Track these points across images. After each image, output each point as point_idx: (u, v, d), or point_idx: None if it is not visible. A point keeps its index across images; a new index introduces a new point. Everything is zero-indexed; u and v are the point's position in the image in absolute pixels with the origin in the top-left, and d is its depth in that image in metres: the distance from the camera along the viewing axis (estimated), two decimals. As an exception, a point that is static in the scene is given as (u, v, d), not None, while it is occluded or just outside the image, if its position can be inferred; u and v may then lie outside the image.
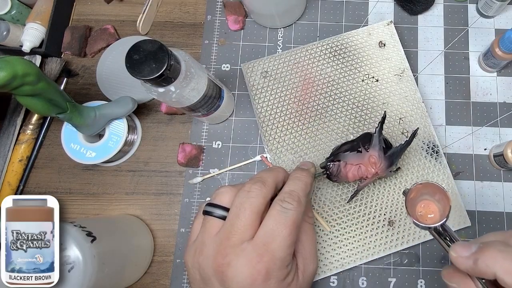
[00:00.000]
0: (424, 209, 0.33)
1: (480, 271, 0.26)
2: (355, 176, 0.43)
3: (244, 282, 0.32)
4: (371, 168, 0.43)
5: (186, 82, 0.39)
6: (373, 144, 0.43)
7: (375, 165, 0.42)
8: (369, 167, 0.43)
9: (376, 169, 0.42)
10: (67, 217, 0.51)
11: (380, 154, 0.43)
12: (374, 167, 0.42)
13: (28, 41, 0.52)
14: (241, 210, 0.33)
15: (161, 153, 0.53)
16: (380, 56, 0.52)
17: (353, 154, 0.43)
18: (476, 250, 0.27)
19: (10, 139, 0.52)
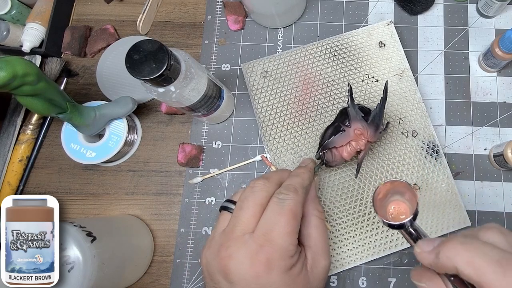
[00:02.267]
0: (395, 210, 0.32)
1: (442, 264, 0.25)
2: (350, 153, 0.43)
3: (246, 275, 0.32)
4: (361, 140, 0.43)
5: (186, 82, 0.39)
6: (351, 117, 0.43)
7: (363, 135, 0.42)
8: (359, 140, 0.43)
9: (366, 138, 0.42)
10: (67, 217, 0.51)
11: (363, 124, 0.42)
12: (363, 138, 0.42)
13: (28, 41, 0.52)
14: (244, 202, 0.34)
15: (161, 153, 0.53)
16: (380, 56, 0.52)
17: (339, 135, 0.43)
18: (438, 244, 0.26)
19: (10, 139, 0.52)
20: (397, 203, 0.32)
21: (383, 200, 0.32)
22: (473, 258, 0.24)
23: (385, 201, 0.32)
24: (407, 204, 0.32)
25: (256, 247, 0.32)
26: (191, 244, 0.49)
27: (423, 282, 0.28)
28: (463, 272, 0.24)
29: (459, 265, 0.24)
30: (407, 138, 0.50)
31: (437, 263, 0.26)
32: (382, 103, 0.43)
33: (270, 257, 0.32)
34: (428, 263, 0.27)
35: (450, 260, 0.24)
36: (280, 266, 0.33)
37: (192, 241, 0.49)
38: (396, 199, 0.32)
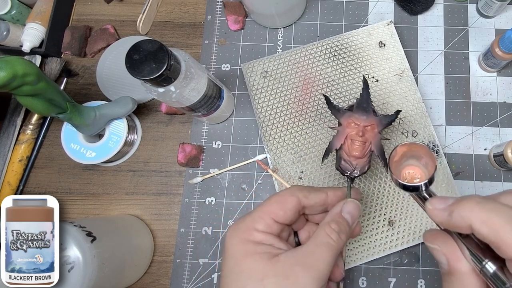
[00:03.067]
0: (409, 175, 0.31)
1: (455, 223, 0.25)
2: (358, 148, 0.40)
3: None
4: (358, 128, 0.40)
5: (186, 82, 0.39)
6: (335, 115, 0.42)
7: (357, 123, 0.40)
8: (353, 129, 0.40)
9: (361, 124, 0.40)
10: (67, 217, 0.51)
11: (349, 114, 0.41)
12: (355, 124, 0.40)
13: (28, 41, 0.52)
14: None
15: (161, 153, 0.53)
16: (380, 56, 0.52)
17: (334, 137, 0.41)
18: (453, 202, 0.25)
19: (10, 139, 0.52)
20: (412, 168, 0.31)
21: (398, 163, 0.31)
22: (490, 217, 0.23)
23: (400, 165, 0.31)
24: (422, 169, 0.31)
25: None
26: (191, 244, 0.49)
27: (436, 244, 0.27)
28: (478, 231, 0.23)
29: (475, 224, 0.23)
30: (407, 138, 0.49)
31: (449, 221, 0.25)
32: (365, 87, 0.41)
33: None
34: (440, 221, 0.26)
35: (464, 219, 0.24)
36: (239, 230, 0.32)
37: (192, 241, 0.49)
38: (411, 164, 0.31)
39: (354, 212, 0.34)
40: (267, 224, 0.32)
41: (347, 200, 0.34)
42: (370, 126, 0.40)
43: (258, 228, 0.31)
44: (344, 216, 0.33)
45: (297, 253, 0.30)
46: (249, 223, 0.32)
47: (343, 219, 0.33)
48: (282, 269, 0.29)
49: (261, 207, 0.33)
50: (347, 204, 0.34)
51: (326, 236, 0.31)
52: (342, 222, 0.32)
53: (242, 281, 0.29)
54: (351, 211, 0.33)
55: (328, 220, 0.32)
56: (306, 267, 0.29)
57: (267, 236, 0.31)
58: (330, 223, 0.32)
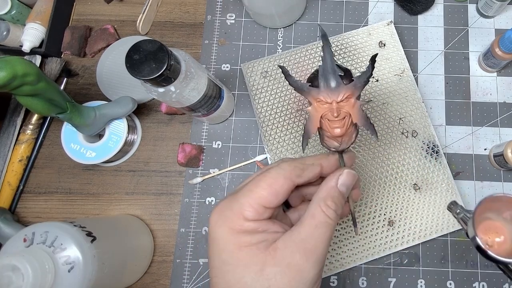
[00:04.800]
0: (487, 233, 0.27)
1: None
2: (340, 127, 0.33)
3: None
4: (330, 107, 0.33)
5: (186, 82, 0.39)
6: (302, 94, 0.34)
7: (328, 102, 0.32)
8: (330, 109, 0.33)
9: (333, 101, 0.32)
10: (67, 217, 0.51)
11: (316, 92, 0.33)
12: (330, 103, 0.32)
13: (28, 41, 0.52)
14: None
15: (161, 153, 0.53)
16: (380, 56, 0.52)
17: (308, 122, 0.34)
18: None
19: (10, 139, 0.52)
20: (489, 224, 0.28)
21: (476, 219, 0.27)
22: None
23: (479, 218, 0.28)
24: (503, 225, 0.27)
25: None
26: (191, 244, 0.49)
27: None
28: None
29: None
30: (407, 138, 0.50)
31: None
32: (325, 44, 0.33)
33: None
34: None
35: None
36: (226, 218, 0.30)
37: (192, 241, 0.49)
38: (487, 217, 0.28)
39: (349, 182, 0.32)
40: (257, 212, 0.29)
41: (342, 171, 0.32)
42: (344, 100, 0.33)
43: (249, 217, 0.29)
44: (339, 190, 0.31)
45: (296, 238, 0.29)
46: (237, 211, 0.29)
47: (338, 193, 0.31)
48: (282, 258, 0.28)
49: (249, 191, 0.30)
50: (343, 175, 0.32)
51: (323, 215, 0.30)
52: (338, 196, 0.31)
53: (239, 272, 0.28)
54: (346, 182, 0.32)
55: (323, 196, 0.31)
56: (307, 252, 0.28)
57: (259, 223, 0.30)
58: (326, 200, 0.30)
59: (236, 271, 0.28)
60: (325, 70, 0.32)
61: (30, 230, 0.37)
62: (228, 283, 0.28)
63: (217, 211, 0.30)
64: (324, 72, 0.32)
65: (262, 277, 0.28)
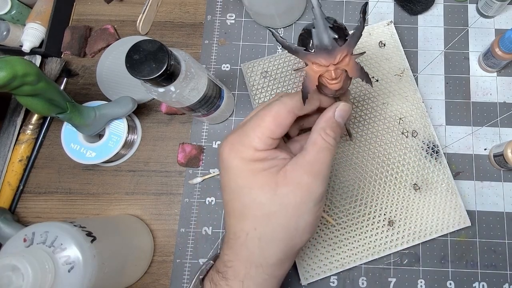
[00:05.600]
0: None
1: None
2: (338, 84, 0.33)
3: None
4: (327, 69, 0.32)
5: (186, 82, 0.39)
6: (297, 56, 0.32)
7: (325, 65, 0.31)
8: (326, 72, 0.32)
9: (330, 64, 0.31)
10: (67, 217, 0.51)
11: (312, 56, 0.31)
12: (327, 66, 0.31)
13: (28, 41, 0.52)
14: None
15: (161, 153, 0.53)
16: (380, 56, 0.52)
17: (306, 81, 0.33)
18: None
19: (10, 139, 0.52)
20: None
21: None
22: None
23: None
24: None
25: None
26: (191, 244, 0.49)
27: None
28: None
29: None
30: (407, 138, 0.50)
31: None
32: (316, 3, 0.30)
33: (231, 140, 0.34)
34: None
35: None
36: (238, 150, 0.33)
37: (192, 241, 0.49)
38: None
39: (345, 114, 0.35)
40: (265, 142, 0.32)
41: (339, 104, 0.35)
42: (341, 60, 0.32)
43: (258, 147, 0.32)
44: (337, 120, 0.35)
45: (302, 162, 0.32)
46: (247, 143, 0.32)
47: (336, 123, 0.34)
48: (292, 179, 0.32)
49: (256, 123, 0.33)
50: (339, 108, 0.35)
51: (324, 142, 0.33)
52: (336, 126, 0.34)
53: (255, 193, 0.32)
54: (343, 114, 0.35)
55: (323, 126, 0.34)
56: (314, 173, 0.32)
57: (269, 152, 0.33)
58: (325, 129, 0.34)
59: (252, 193, 0.32)
60: (319, 34, 0.30)
61: (30, 230, 0.37)
62: (246, 204, 0.32)
63: (227, 144, 0.33)
64: (319, 36, 0.30)
65: (276, 196, 0.32)
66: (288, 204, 0.32)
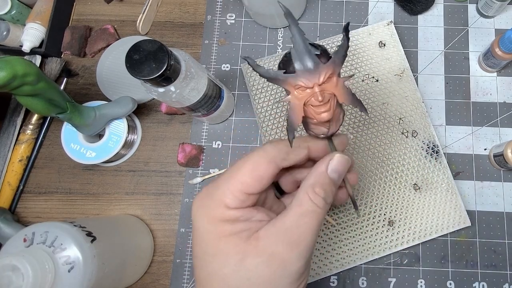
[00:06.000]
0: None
1: None
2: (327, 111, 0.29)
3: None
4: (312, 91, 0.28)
5: (186, 82, 0.39)
6: (277, 84, 0.29)
7: (309, 86, 0.28)
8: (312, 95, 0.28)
9: (314, 84, 0.28)
10: (67, 217, 0.51)
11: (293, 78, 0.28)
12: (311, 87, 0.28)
13: (28, 41, 0.52)
14: None
15: (161, 153, 0.53)
16: (380, 56, 0.52)
17: (291, 113, 0.29)
18: None
19: (10, 139, 0.52)
20: None
21: None
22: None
23: None
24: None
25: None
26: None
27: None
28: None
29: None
30: (407, 138, 0.50)
31: None
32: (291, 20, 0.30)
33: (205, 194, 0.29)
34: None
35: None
36: (207, 207, 0.28)
37: (192, 241, 0.49)
38: None
39: (341, 168, 0.29)
40: (239, 199, 0.27)
41: (334, 155, 0.29)
42: (326, 80, 0.29)
43: (230, 205, 0.27)
44: (330, 176, 0.29)
45: (280, 228, 0.27)
46: (218, 199, 0.27)
47: (329, 180, 0.29)
48: (264, 248, 0.26)
49: (230, 177, 0.28)
50: (333, 161, 0.29)
51: (311, 203, 0.27)
52: (328, 183, 0.28)
53: (220, 263, 0.26)
54: (338, 168, 0.29)
55: (312, 182, 0.28)
56: (291, 243, 0.26)
57: (242, 212, 0.27)
58: (314, 186, 0.28)
59: (217, 262, 0.27)
60: (298, 51, 0.27)
61: (30, 230, 0.37)
62: (209, 274, 0.27)
63: (198, 199, 0.29)
64: (298, 53, 0.27)
65: (242, 268, 0.26)
66: (256, 279, 0.26)
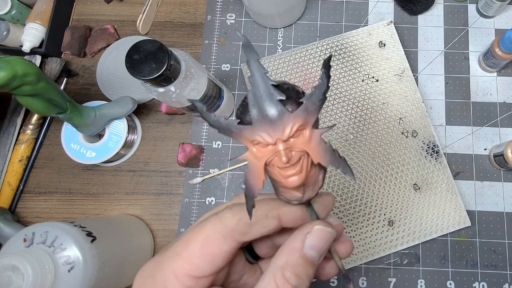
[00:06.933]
0: None
1: None
2: (296, 175, 0.21)
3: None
4: (275, 149, 0.21)
5: (186, 82, 0.39)
6: (231, 136, 0.23)
7: (271, 143, 0.21)
8: (276, 153, 0.21)
9: (278, 140, 0.21)
10: (67, 217, 0.51)
11: (250, 131, 0.21)
12: (274, 144, 0.21)
13: (28, 41, 0.52)
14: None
15: (161, 153, 0.53)
16: (380, 56, 0.52)
17: (249, 175, 0.22)
18: None
19: (10, 139, 0.52)
20: None
21: None
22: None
23: None
24: None
25: None
26: None
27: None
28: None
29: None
30: (407, 138, 0.50)
31: None
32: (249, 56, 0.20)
33: None
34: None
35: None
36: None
37: (192, 241, 0.49)
38: None
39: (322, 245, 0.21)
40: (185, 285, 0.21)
41: (312, 226, 0.22)
42: (295, 134, 0.21)
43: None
44: (306, 255, 0.21)
45: None
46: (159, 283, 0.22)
47: (304, 260, 0.21)
48: None
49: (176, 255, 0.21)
50: (312, 234, 0.21)
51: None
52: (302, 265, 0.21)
53: None
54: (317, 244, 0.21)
55: (281, 264, 0.20)
56: None
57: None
58: (284, 269, 0.20)
59: None
60: (256, 96, 0.20)
61: (30, 230, 0.37)
62: None
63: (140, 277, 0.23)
64: (256, 98, 0.20)
65: None
66: None
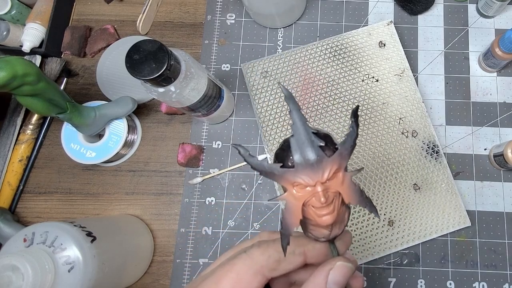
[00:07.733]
0: None
1: None
2: (329, 214, 0.24)
3: None
4: (314, 191, 0.23)
5: (186, 82, 0.39)
6: (273, 179, 0.23)
7: (311, 185, 0.23)
8: (314, 194, 0.23)
9: (316, 183, 0.23)
10: (67, 217, 0.51)
11: (292, 174, 0.23)
12: (313, 186, 0.23)
13: (28, 41, 0.52)
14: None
15: (161, 153, 0.53)
16: (380, 56, 0.52)
17: (287, 214, 0.24)
18: None
19: (10, 139, 0.52)
20: None
21: None
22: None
23: None
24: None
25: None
26: (191, 244, 0.49)
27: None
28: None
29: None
30: (407, 138, 0.50)
31: None
32: (293, 106, 0.22)
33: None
34: None
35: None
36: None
37: (192, 241, 0.49)
38: None
39: (344, 280, 0.23)
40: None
41: (335, 263, 0.23)
42: (331, 177, 0.23)
43: None
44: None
45: None
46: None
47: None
48: None
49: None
50: (334, 271, 0.23)
51: None
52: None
53: None
54: (339, 280, 0.23)
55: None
56: None
57: None
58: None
59: None
60: (299, 142, 0.22)
61: (30, 230, 0.37)
62: None
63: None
64: (299, 143, 0.22)
65: None
66: None
